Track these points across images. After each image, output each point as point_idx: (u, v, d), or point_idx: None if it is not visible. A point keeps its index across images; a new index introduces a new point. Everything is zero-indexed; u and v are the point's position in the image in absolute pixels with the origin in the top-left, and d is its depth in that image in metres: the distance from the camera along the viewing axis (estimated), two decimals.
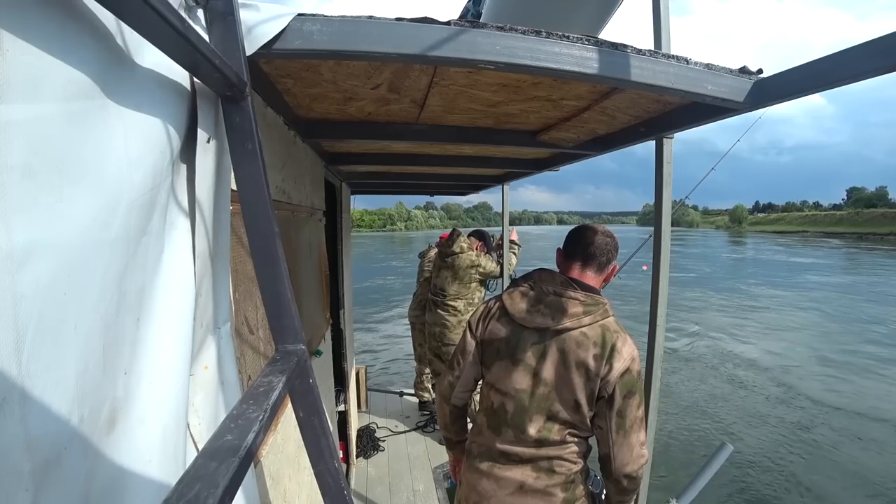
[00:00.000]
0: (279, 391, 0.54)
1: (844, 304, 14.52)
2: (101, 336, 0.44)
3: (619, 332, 1.21)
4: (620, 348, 1.18)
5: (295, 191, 1.59)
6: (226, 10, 0.64)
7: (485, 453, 1.29)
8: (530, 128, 1.77)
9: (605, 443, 1.20)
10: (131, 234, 0.49)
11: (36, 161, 0.35)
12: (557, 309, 1.22)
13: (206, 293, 0.67)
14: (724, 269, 25.58)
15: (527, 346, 1.23)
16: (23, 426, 0.34)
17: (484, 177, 3.45)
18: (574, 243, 1.31)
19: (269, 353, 1.16)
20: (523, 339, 1.25)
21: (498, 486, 1.24)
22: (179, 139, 0.61)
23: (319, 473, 0.72)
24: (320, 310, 2.24)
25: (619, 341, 1.19)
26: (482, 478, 1.28)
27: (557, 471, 1.22)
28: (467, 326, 1.37)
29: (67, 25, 0.39)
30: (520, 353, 1.24)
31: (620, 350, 1.18)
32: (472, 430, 1.38)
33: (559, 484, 1.22)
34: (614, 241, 1.32)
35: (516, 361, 1.24)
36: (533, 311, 1.24)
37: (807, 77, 0.94)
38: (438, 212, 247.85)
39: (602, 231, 1.32)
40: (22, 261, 0.34)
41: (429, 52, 0.83)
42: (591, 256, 1.28)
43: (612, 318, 1.23)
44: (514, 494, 1.22)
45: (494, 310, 1.33)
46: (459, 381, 1.37)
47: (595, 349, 1.18)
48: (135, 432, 0.51)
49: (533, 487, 1.21)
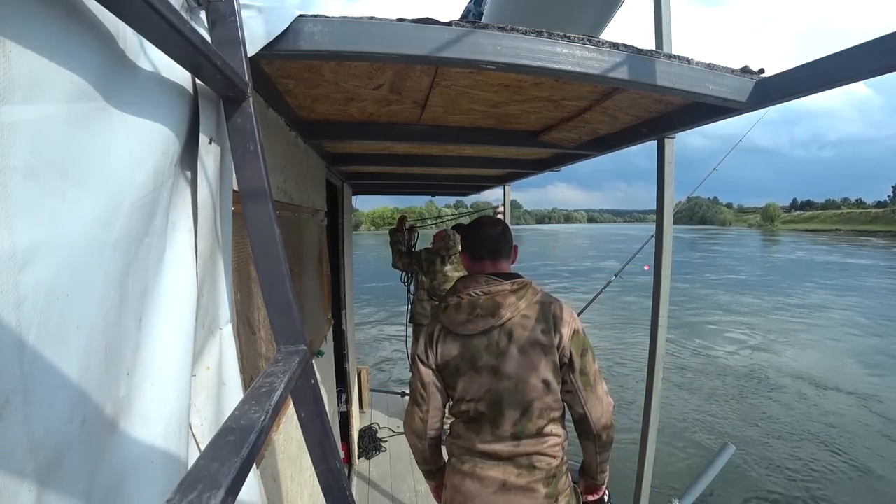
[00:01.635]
0: (281, 392, 0.54)
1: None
2: (103, 337, 0.45)
3: (553, 302, 1.28)
4: (561, 315, 1.26)
5: (296, 191, 1.60)
6: (227, 10, 0.64)
7: (465, 454, 1.30)
8: (531, 128, 1.77)
9: (578, 404, 1.26)
10: (133, 234, 0.49)
11: (38, 162, 0.35)
12: (492, 306, 1.25)
13: (207, 294, 0.67)
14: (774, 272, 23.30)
15: (481, 351, 1.25)
16: (25, 427, 0.34)
17: (485, 177, 3.45)
18: (477, 244, 1.36)
19: (271, 354, 1.17)
20: (475, 347, 1.26)
21: (482, 486, 1.25)
22: (181, 140, 0.61)
23: (321, 474, 0.72)
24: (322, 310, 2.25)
25: (557, 309, 1.27)
26: (465, 478, 1.28)
27: (538, 466, 1.24)
28: (417, 360, 1.36)
29: (70, 27, 0.39)
30: (477, 361, 1.25)
31: (562, 316, 1.26)
32: (450, 434, 1.38)
33: (541, 479, 1.24)
34: (505, 226, 1.39)
35: (478, 370, 1.25)
36: (472, 318, 1.26)
37: (808, 77, 0.94)
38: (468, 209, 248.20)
39: (491, 223, 1.39)
40: (24, 262, 0.34)
41: (430, 53, 0.83)
42: (497, 250, 1.35)
43: (541, 293, 1.30)
44: (497, 493, 1.23)
45: (437, 333, 1.33)
46: (430, 414, 1.36)
47: (541, 325, 1.24)
48: (137, 433, 0.51)
49: (515, 485, 1.23)
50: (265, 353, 1.14)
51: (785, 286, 17.56)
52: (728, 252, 37.26)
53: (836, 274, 21.48)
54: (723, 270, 23.72)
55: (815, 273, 22.00)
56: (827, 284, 18.01)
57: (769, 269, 24.31)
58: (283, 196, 1.38)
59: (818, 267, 25.00)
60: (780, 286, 17.56)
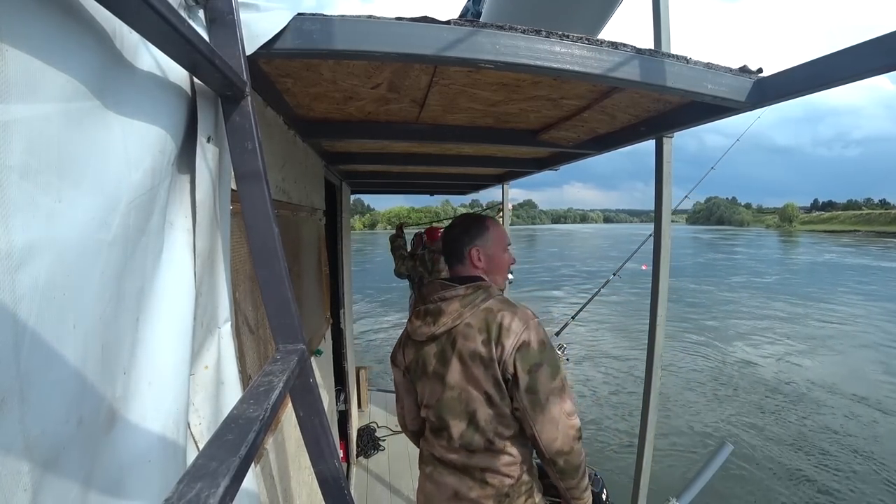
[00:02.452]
0: (279, 390, 0.54)
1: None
2: (100, 336, 0.44)
3: (503, 311, 1.15)
4: (508, 324, 1.13)
5: (295, 190, 1.59)
6: (225, 9, 0.64)
7: (429, 458, 1.31)
8: (530, 127, 1.77)
9: (526, 424, 1.14)
10: (130, 234, 0.49)
11: (35, 161, 0.35)
12: (437, 313, 1.22)
13: (206, 293, 0.67)
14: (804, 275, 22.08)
15: (430, 358, 1.24)
16: (21, 426, 0.34)
17: (484, 176, 3.45)
18: (443, 248, 1.32)
19: (270, 353, 1.17)
20: (425, 353, 1.26)
21: (437, 491, 1.25)
22: (179, 139, 0.61)
23: (320, 473, 0.72)
24: (320, 309, 2.25)
25: (506, 318, 1.13)
26: (426, 480, 1.30)
27: (489, 482, 1.19)
28: (391, 362, 1.41)
29: (67, 25, 0.39)
30: (428, 366, 1.25)
31: (508, 326, 1.12)
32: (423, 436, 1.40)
33: (491, 496, 1.18)
34: (465, 226, 1.30)
35: (428, 376, 1.25)
36: (423, 324, 1.25)
37: (807, 76, 0.94)
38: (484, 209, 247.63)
39: (457, 224, 1.31)
40: (21, 261, 0.34)
41: (429, 52, 0.83)
42: (452, 253, 1.29)
43: (493, 300, 1.19)
44: (450, 500, 1.23)
45: (403, 337, 1.37)
46: (406, 411, 1.42)
47: (481, 335, 1.14)
48: (134, 432, 0.51)
49: (466, 496, 1.20)
50: (264, 352, 1.14)
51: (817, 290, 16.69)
52: (752, 253, 36.30)
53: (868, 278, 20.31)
54: (748, 273, 22.96)
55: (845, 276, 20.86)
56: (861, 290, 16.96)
57: (798, 272, 23.40)
58: (281, 195, 1.38)
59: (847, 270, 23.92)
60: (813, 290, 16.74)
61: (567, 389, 1.13)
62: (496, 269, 1.29)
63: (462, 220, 1.32)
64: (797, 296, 15.57)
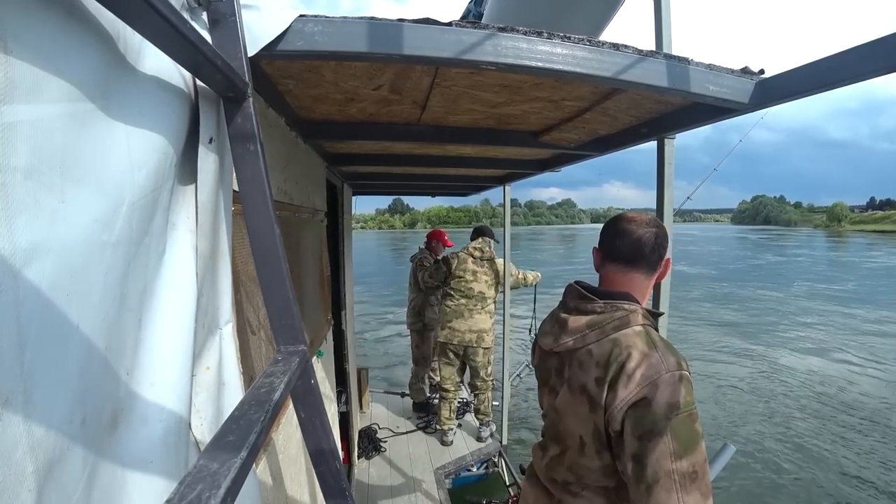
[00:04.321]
0: (281, 392, 0.54)
1: None
2: (102, 337, 0.45)
3: (633, 348, 0.90)
4: (631, 369, 0.87)
5: (296, 191, 1.60)
6: (227, 11, 0.64)
7: (531, 467, 1.22)
8: (532, 128, 1.77)
9: (629, 494, 0.89)
10: (133, 235, 0.49)
11: (38, 162, 0.36)
12: (562, 326, 1.04)
13: (207, 294, 0.68)
14: (888, 280, 18.92)
15: (551, 370, 1.09)
16: (25, 426, 0.34)
17: (485, 177, 3.45)
18: (609, 242, 1.05)
19: (271, 354, 1.17)
20: (548, 363, 1.11)
21: (524, 498, 1.19)
22: (181, 140, 0.61)
23: (321, 474, 0.72)
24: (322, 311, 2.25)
25: (632, 359, 0.88)
26: (525, 482, 1.23)
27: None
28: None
29: (70, 27, 0.39)
30: (548, 378, 1.11)
31: (631, 371, 0.87)
32: None
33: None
34: (660, 231, 1.03)
35: (548, 386, 1.11)
36: (547, 332, 1.10)
37: (809, 77, 0.94)
38: (522, 208, 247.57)
39: (642, 221, 1.03)
40: (24, 261, 0.34)
41: (430, 54, 0.83)
42: (631, 256, 1.02)
43: (631, 329, 0.94)
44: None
45: (538, 333, 1.22)
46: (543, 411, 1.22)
47: (597, 371, 0.93)
48: (137, 432, 0.51)
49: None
50: (265, 353, 1.14)
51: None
52: (815, 256, 33.23)
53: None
54: (817, 278, 20.05)
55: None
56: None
57: (881, 278, 19.87)
58: (283, 196, 1.38)
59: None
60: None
61: (700, 483, 0.82)
62: (648, 290, 1.06)
63: (654, 220, 1.05)
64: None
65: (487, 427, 3.81)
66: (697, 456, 0.82)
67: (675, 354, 0.89)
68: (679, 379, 0.85)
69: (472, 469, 3.62)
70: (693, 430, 0.83)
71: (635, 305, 0.98)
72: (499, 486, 3.52)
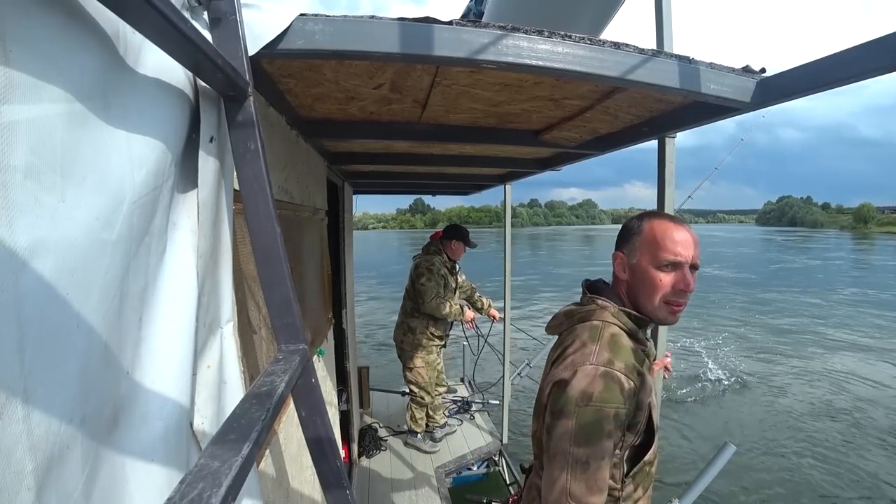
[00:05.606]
0: (281, 390, 0.54)
1: None
2: (103, 335, 0.45)
3: (579, 338, 0.95)
4: (567, 354, 0.94)
5: (297, 190, 1.60)
6: (228, 10, 0.64)
7: None
8: (532, 127, 1.77)
9: None
10: (134, 234, 0.49)
11: (39, 161, 0.36)
12: (557, 313, 1.11)
13: (208, 293, 0.68)
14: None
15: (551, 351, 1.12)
16: (25, 425, 0.34)
17: (486, 176, 3.45)
18: None
19: (272, 353, 1.17)
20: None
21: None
22: (182, 139, 0.61)
23: (322, 473, 0.72)
24: (323, 309, 2.25)
25: (572, 346, 0.94)
26: None
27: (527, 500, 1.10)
28: None
29: (70, 26, 0.39)
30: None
31: (567, 356, 0.94)
32: None
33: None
34: (627, 224, 1.06)
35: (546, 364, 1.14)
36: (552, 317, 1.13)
37: (810, 76, 0.93)
38: (542, 209, 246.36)
39: (631, 217, 1.07)
40: (25, 260, 0.34)
41: (431, 52, 0.83)
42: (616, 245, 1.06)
43: (590, 323, 0.98)
44: None
45: None
46: None
47: (553, 355, 1.01)
48: (137, 431, 0.51)
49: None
50: (266, 352, 1.15)
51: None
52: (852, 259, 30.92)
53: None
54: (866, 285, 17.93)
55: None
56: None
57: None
58: (284, 195, 1.38)
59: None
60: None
61: (590, 476, 0.85)
62: (641, 288, 0.99)
63: (638, 215, 1.05)
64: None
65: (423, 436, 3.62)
66: (595, 450, 0.85)
67: (614, 354, 0.91)
68: (601, 374, 0.88)
69: (473, 468, 3.63)
70: (598, 426, 0.85)
71: (608, 303, 1.00)
72: (499, 484, 3.53)
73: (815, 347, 9.11)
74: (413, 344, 3.41)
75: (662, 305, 0.97)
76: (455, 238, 3.42)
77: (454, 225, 3.53)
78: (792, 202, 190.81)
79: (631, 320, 0.99)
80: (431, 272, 3.28)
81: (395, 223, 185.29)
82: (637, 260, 0.99)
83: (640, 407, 0.92)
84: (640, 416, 0.93)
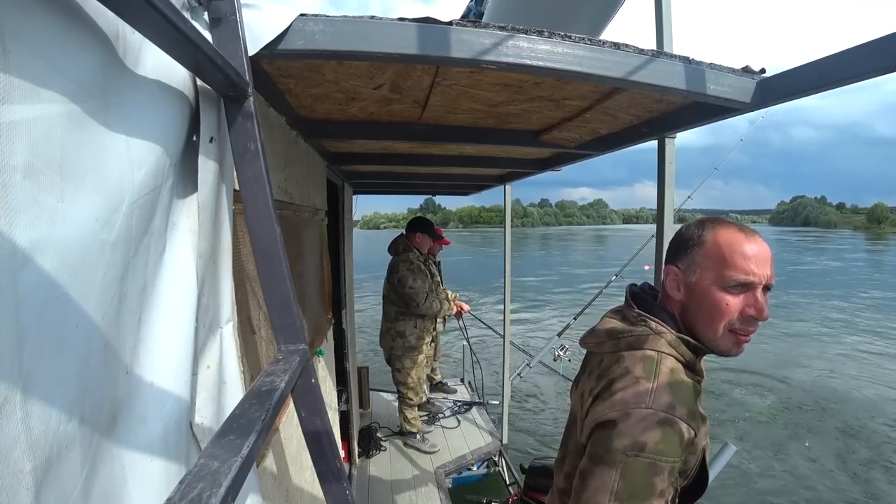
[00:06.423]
0: (281, 391, 0.54)
1: None
2: (102, 336, 0.45)
3: (629, 371, 0.79)
4: (615, 389, 0.78)
5: (297, 191, 1.60)
6: (228, 10, 0.64)
7: None
8: (532, 128, 1.77)
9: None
10: (133, 234, 0.49)
11: (38, 161, 0.36)
12: (593, 327, 0.96)
13: (208, 293, 0.68)
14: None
15: (582, 367, 1.00)
16: (24, 425, 0.34)
17: (486, 177, 3.45)
18: None
19: (272, 353, 1.17)
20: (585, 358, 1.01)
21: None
22: (182, 139, 0.61)
23: (321, 473, 0.72)
24: (322, 309, 2.25)
25: (620, 381, 0.79)
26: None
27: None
28: None
29: (70, 26, 0.39)
30: (578, 372, 1.03)
31: (614, 391, 0.78)
32: None
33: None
34: (682, 231, 0.91)
35: (574, 382, 1.02)
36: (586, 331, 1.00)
37: (809, 76, 0.94)
38: (553, 209, 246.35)
39: (690, 224, 0.91)
40: (24, 260, 0.34)
41: (431, 53, 0.83)
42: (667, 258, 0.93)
43: (642, 352, 0.82)
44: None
45: None
46: None
47: (595, 381, 0.85)
48: (136, 431, 0.51)
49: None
50: (266, 352, 1.14)
51: None
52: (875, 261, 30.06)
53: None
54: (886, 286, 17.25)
55: None
56: None
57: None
58: (283, 195, 1.38)
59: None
60: None
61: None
62: (701, 313, 0.84)
63: (697, 221, 0.90)
64: None
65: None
66: (628, 492, 0.70)
67: (675, 396, 0.75)
68: (660, 421, 0.72)
69: (473, 468, 3.63)
70: (648, 482, 0.70)
71: (664, 328, 0.84)
72: (499, 485, 3.53)
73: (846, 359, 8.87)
74: (404, 347, 3.38)
75: (727, 335, 0.81)
76: (419, 231, 3.37)
77: (417, 217, 3.49)
78: (805, 202, 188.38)
79: (690, 349, 0.84)
80: (412, 271, 3.19)
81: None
82: (697, 278, 0.83)
83: (695, 451, 0.79)
84: (693, 461, 0.80)
